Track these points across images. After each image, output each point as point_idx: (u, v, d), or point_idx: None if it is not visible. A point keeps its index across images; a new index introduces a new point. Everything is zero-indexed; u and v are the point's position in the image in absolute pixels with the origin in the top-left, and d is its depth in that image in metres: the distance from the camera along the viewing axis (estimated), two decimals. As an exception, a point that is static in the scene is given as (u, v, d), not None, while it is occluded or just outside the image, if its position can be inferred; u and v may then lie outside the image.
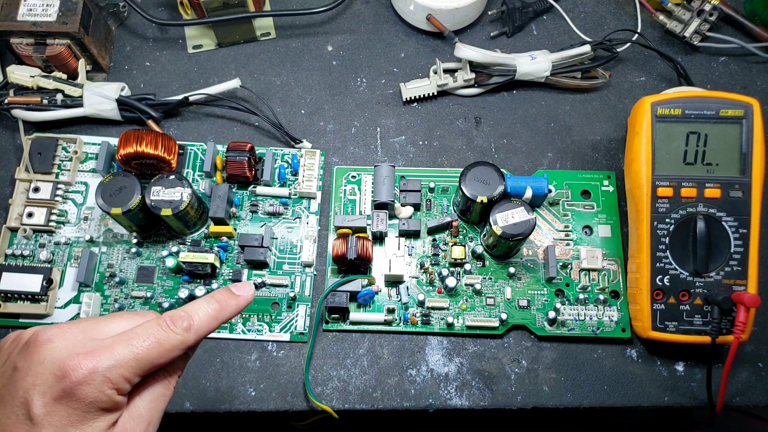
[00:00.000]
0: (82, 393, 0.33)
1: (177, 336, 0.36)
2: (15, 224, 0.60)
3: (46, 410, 0.33)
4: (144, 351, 0.35)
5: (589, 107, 0.67)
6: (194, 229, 0.60)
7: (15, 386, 0.34)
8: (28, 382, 0.33)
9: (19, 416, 0.33)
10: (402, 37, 0.70)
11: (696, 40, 0.67)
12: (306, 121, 0.66)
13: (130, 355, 0.34)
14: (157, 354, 0.35)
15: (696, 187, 0.55)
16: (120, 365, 0.34)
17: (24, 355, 0.35)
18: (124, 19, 0.70)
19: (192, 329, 0.37)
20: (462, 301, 0.58)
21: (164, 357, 0.36)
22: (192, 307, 0.38)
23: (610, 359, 0.58)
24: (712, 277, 0.54)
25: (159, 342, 0.35)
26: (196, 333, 0.37)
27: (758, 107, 0.55)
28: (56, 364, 0.33)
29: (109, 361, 0.34)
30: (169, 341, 0.36)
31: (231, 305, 0.40)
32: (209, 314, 0.38)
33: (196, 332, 0.37)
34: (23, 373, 0.34)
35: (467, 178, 0.56)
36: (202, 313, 0.38)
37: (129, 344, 0.35)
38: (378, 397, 0.56)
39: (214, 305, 0.39)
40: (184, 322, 0.37)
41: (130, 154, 0.57)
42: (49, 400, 0.33)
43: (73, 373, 0.33)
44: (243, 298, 0.40)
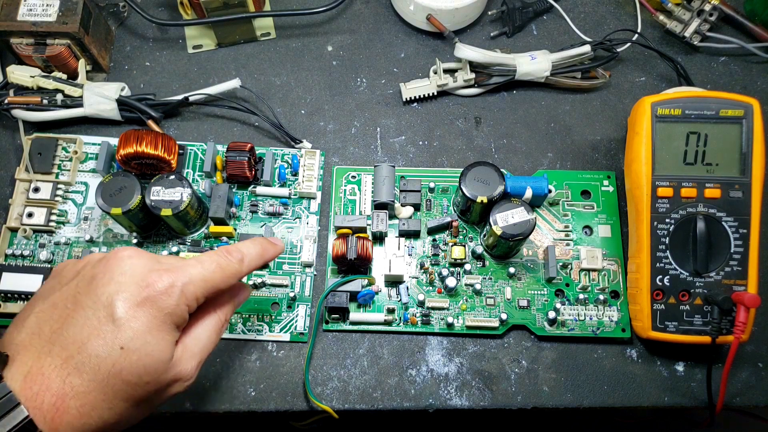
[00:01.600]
0: (162, 302, 0.37)
1: (234, 264, 0.41)
2: (15, 224, 0.60)
3: (129, 314, 0.36)
4: (210, 273, 0.39)
5: (589, 107, 0.67)
6: (194, 229, 0.60)
7: (96, 291, 0.36)
8: (112, 288, 0.36)
9: (101, 318, 0.36)
10: (402, 37, 0.70)
11: (696, 40, 0.67)
12: (306, 121, 0.66)
13: (201, 275, 0.39)
14: (221, 277, 0.40)
15: (696, 187, 0.55)
16: (193, 283, 0.38)
17: (103, 266, 0.38)
18: (124, 19, 0.70)
19: (244, 261, 0.42)
20: (462, 301, 0.58)
21: (225, 282, 0.40)
22: (241, 245, 0.44)
23: (610, 359, 0.58)
24: (712, 277, 0.54)
25: (221, 266, 0.40)
26: (248, 266, 0.43)
27: (758, 107, 0.55)
28: (139, 276, 0.37)
29: (185, 277, 0.38)
30: (229, 267, 0.41)
31: (270, 249, 0.46)
32: (257, 252, 0.44)
33: (247, 265, 0.43)
34: (105, 281, 0.37)
35: (467, 178, 0.56)
36: (251, 251, 0.43)
37: (199, 265, 0.39)
38: (378, 397, 0.56)
39: (258, 246, 0.44)
40: (238, 254, 0.42)
41: (130, 154, 0.57)
42: (132, 306, 0.36)
43: (156, 283, 0.37)
44: (279, 245, 0.47)
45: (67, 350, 0.35)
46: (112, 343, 0.35)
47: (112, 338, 0.35)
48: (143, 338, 0.36)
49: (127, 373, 0.35)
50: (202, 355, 0.40)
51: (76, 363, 0.34)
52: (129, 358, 0.35)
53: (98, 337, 0.35)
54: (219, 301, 0.43)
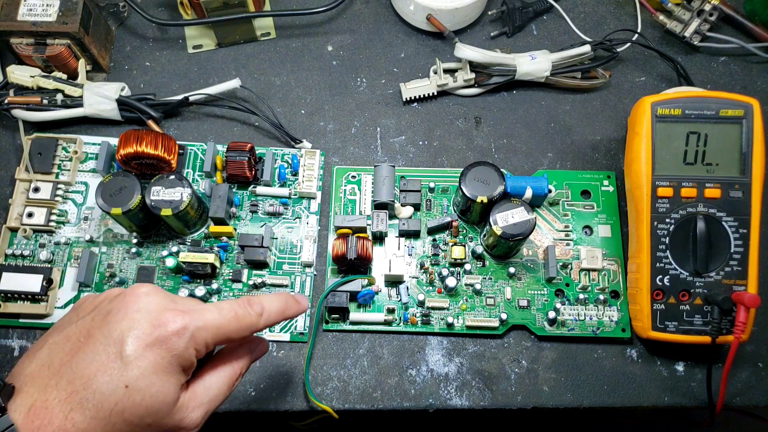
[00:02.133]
0: (172, 344, 0.36)
1: (251, 317, 0.40)
2: (15, 224, 0.60)
3: (138, 353, 0.35)
4: (226, 321, 0.38)
5: (589, 107, 0.67)
6: (194, 229, 0.60)
7: (109, 327, 0.36)
8: (125, 326, 0.36)
9: (110, 354, 0.35)
10: (402, 37, 0.70)
11: (696, 40, 0.67)
12: (306, 121, 0.66)
13: (215, 322, 0.38)
14: (235, 328, 0.39)
15: (696, 187, 0.55)
16: (206, 328, 0.37)
17: (120, 302, 0.37)
18: (124, 19, 0.70)
19: (263, 315, 0.40)
20: (462, 301, 0.58)
21: (239, 333, 0.39)
22: (265, 298, 0.42)
23: (610, 359, 0.58)
24: (712, 277, 0.54)
25: (238, 317, 0.39)
26: (266, 320, 0.41)
27: (758, 107, 0.55)
28: (153, 314, 0.36)
29: (199, 322, 0.37)
30: (246, 318, 0.39)
31: (293, 306, 0.43)
32: (278, 308, 0.42)
33: (266, 319, 0.41)
34: (119, 317, 0.36)
35: (467, 178, 0.56)
36: (272, 306, 0.41)
37: (216, 312, 0.38)
38: (378, 397, 0.56)
39: (281, 303, 0.42)
40: (258, 307, 0.40)
41: (130, 154, 0.57)
42: (142, 344, 0.35)
43: (168, 323, 0.36)
44: (303, 304, 0.45)
45: (73, 384, 0.34)
46: (117, 380, 0.34)
47: (117, 376, 0.35)
48: (149, 378, 0.35)
49: (129, 413, 0.35)
50: (210, 406, 0.39)
51: (80, 398, 0.34)
52: (132, 398, 0.35)
53: (105, 373, 0.35)
54: (236, 353, 0.42)
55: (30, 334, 0.58)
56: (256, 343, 0.44)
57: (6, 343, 0.57)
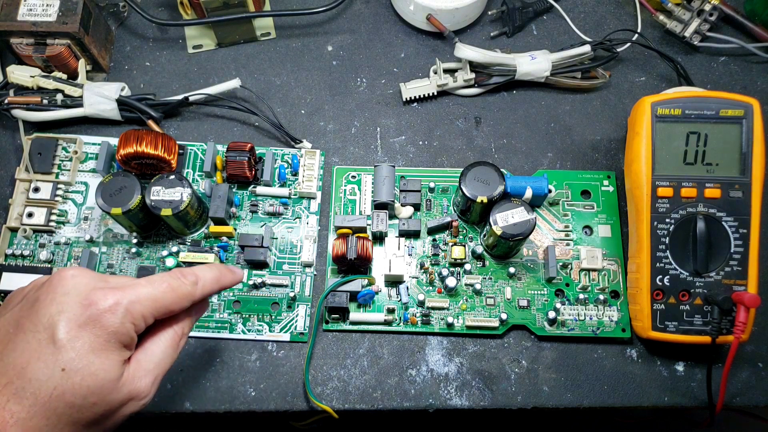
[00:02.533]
0: (106, 321, 0.36)
1: (187, 286, 0.40)
2: (15, 224, 0.60)
3: (71, 335, 0.35)
4: (161, 293, 0.38)
5: (589, 107, 0.67)
6: (194, 229, 0.60)
7: (38, 313, 0.36)
8: (54, 309, 0.35)
9: (41, 340, 0.35)
10: (402, 37, 0.70)
11: (696, 40, 0.67)
12: (306, 121, 0.66)
13: (149, 295, 0.38)
14: (171, 299, 0.39)
15: (696, 187, 0.55)
16: (140, 302, 0.37)
17: (47, 288, 0.37)
18: (124, 19, 0.70)
19: (198, 284, 0.41)
20: (462, 301, 0.58)
21: (176, 303, 0.39)
22: (197, 268, 0.42)
23: (610, 359, 0.58)
24: (712, 277, 0.54)
25: (173, 288, 0.39)
26: (202, 289, 0.41)
27: (758, 107, 0.55)
28: (82, 295, 0.36)
29: (132, 296, 0.37)
30: (181, 288, 0.40)
31: (228, 276, 0.44)
32: (212, 276, 0.42)
33: (201, 288, 0.41)
34: (47, 302, 0.36)
35: (467, 178, 0.56)
36: (206, 274, 0.42)
37: (149, 285, 0.38)
38: (378, 397, 0.56)
39: (215, 271, 0.43)
40: (192, 276, 0.41)
41: (130, 154, 0.57)
42: (74, 326, 0.35)
43: (99, 302, 0.36)
44: (238, 274, 0.45)
45: (6, 376, 0.34)
46: (53, 365, 0.34)
47: (53, 360, 0.34)
48: (86, 358, 0.35)
49: (70, 396, 0.34)
50: (157, 371, 0.39)
51: (15, 388, 0.33)
52: (71, 380, 0.34)
53: (38, 360, 0.34)
54: (175, 317, 0.42)
55: (30, 334, 0.58)
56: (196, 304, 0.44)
57: (6, 343, 0.57)
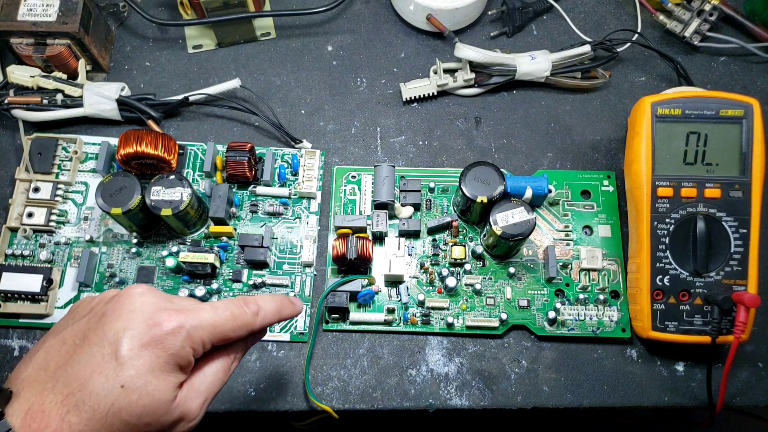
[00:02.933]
0: (167, 343, 0.36)
1: (247, 316, 0.40)
2: (15, 224, 0.60)
3: (133, 353, 0.35)
4: (222, 320, 0.38)
5: (589, 107, 0.67)
6: (194, 229, 0.60)
7: (104, 328, 0.36)
8: (119, 326, 0.36)
9: (105, 355, 0.35)
10: (402, 37, 0.70)
11: (696, 40, 0.67)
12: (306, 121, 0.66)
13: (211, 321, 0.38)
14: (231, 327, 0.39)
15: (696, 187, 0.55)
16: (202, 327, 0.37)
17: (114, 303, 0.37)
18: (124, 19, 0.70)
19: (259, 315, 0.41)
20: (462, 301, 0.58)
21: (235, 332, 0.39)
22: (260, 298, 0.42)
23: (610, 359, 0.58)
24: (712, 277, 0.54)
25: (234, 316, 0.39)
26: (262, 319, 0.41)
27: (758, 107, 0.55)
28: (148, 314, 0.36)
29: (195, 321, 0.37)
30: (242, 318, 0.39)
31: (289, 307, 0.44)
32: (274, 307, 0.42)
33: (262, 319, 0.41)
34: (114, 318, 0.36)
35: (467, 178, 0.56)
36: (268, 306, 0.42)
37: (212, 311, 0.38)
38: (378, 397, 0.56)
39: (277, 303, 0.43)
40: (254, 306, 0.41)
41: (130, 154, 0.57)
42: (137, 344, 0.35)
43: (163, 323, 0.36)
44: (298, 306, 0.45)
45: (69, 387, 0.34)
46: (113, 381, 0.34)
47: (113, 376, 0.35)
48: (145, 378, 0.35)
49: (126, 413, 0.35)
50: (208, 394, 0.39)
51: (76, 400, 0.34)
52: (129, 398, 0.35)
53: (100, 374, 0.35)
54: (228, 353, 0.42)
55: (30, 334, 0.58)
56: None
57: (6, 343, 0.57)
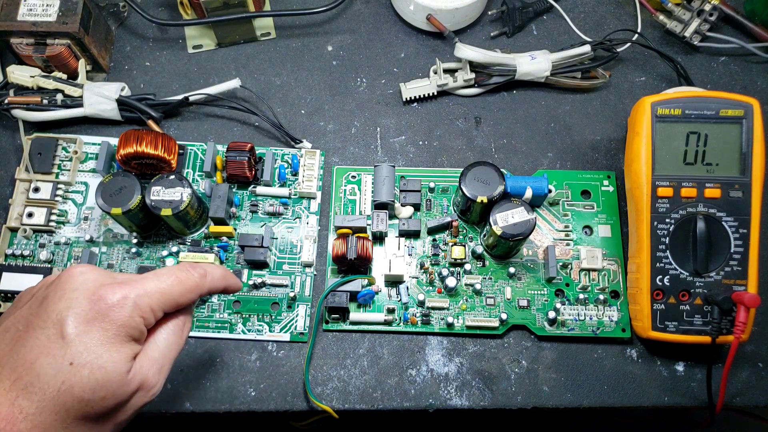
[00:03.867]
0: (114, 315, 0.36)
1: (195, 278, 0.40)
2: (15, 224, 0.60)
3: (79, 329, 0.35)
4: (168, 287, 0.39)
5: (589, 107, 0.67)
6: (194, 229, 0.60)
7: (47, 310, 0.36)
8: (62, 305, 0.36)
9: (50, 336, 0.35)
10: (402, 37, 0.70)
11: (696, 40, 0.67)
12: (306, 121, 0.66)
13: (157, 288, 0.38)
14: (179, 291, 0.39)
15: (696, 187, 0.55)
16: (148, 295, 0.37)
17: (55, 285, 0.37)
18: (124, 19, 0.70)
19: (207, 277, 0.41)
20: (462, 301, 0.58)
21: (184, 296, 0.40)
22: (205, 264, 0.43)
23: (610, 359, 0.58)
24: (712, 277, 0.54)
25: (181, 280, 0.39)
26: (210, 283, 0.42)
27: (758, 107, 0.55)
28: (90, 290, 0.36)
29: (139, 290, 0.37)
30: (189, 281, 0.40)
31: (233, 278, 0.45)
32: (220, 273, 0.43)
33: (210, 282, 0.42)
34: (56, 299, 0.36)
35: (467, 178, 0.56)
36: (213, 270, 0.42)
37: (156, 279, 0.39)
38: (378, 397, 0.56)
39: (221, 269, 0.44)
40: (200, 270, 0.41)
41: (130, 154, 0.57)
42: (83, 321, 0.35)
43: (107, 296, 0.36)
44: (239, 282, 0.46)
45: (16, 372, 0.34)
46: (60, 360, 0.34)
47: (61, 355, 0.34)
48: (94, 352, 0.35)
49: (78, 390, 0.34)
50: (163, 360, 0.39)
51: (24, 384, 0.34)
52: (79, 374, 0.34)
53: (47, 355, 0.34)
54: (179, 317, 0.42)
55: (30, 334, 0.58)
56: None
57: (6, 343, 0.57)
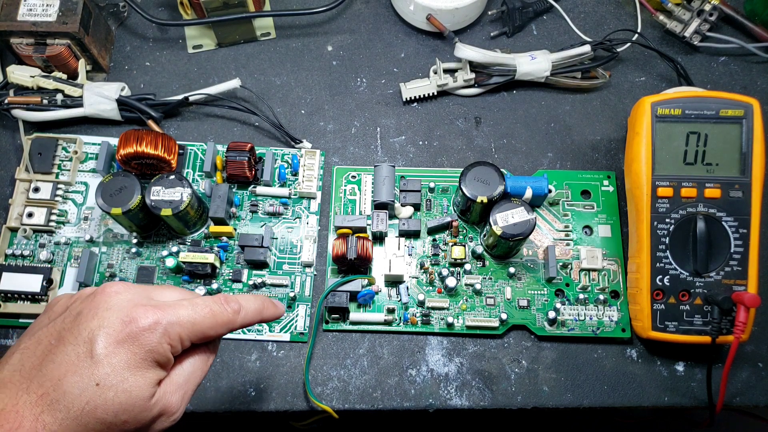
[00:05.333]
0: (144, 339, 0.35)
1: (228, 314, 0.39)
2: (15, 224, 0.60)
3: (108, 350, 0.35)
4: (201, 318, 0.38)
5: (589, 107, 0.67)
6: (194, 229, 0.60)
7: (79, 327, 0.36)
8: (95, 324, 0.35)
9: (80, 354, 0.35)
10: (402, 37, 0.70)
11: (696, 40, 0.67)
12: (306, 121, 0.66)
13: (189, 318, 0.37)
14: (210, 324, 0.38)
15: (696, 187, 0.55)
16: (180, 324, 0.37)
17: (90, 302, 0.37)
18: (124, 19, 0.70)
19: (240, 313, 0.40)
20: (462, 301, 0.58)
21: (214, 330, 0.39)
22: (242, 297, 0.41)
23: (610, 359, 0.58)
24: (712, 277, 0.54)
25: (214, 314, 0.38)
26: (243, 318, 0.40)
27: (758, 107, 0.55)
28: (123, 311, 0.36)
29: (172, 317, 0.36)
30: (222, 315, 0.39)
31: (270, 309, 0.43)
32: (256, 308, 0.42)
33: (242, 318, 0.40)
34: (89, 316, 0.36)
35: (467, 178, 0.56)
36: (250, 305, 0.41)
37: (190, 308, 0.38)
38: (378, 397, 0.56)
39: (259, 303, 0.42)
40: (235, 304, 0.40)
41: (130, 154, 0.57)
42: (113, 342, 0.35)
43: (139, 319, 0.35)
44: (280, 308, 0.45)
45: (43, 387, 0.34)
46: (88, 379, 0.34)
47: (88, 375, 0.34)
48: (121, 375, 0.35)
49: (102, 411, 0.34)
50: (187, 387, 0.39)
51: (50, 400, 0.34)
52: (104, 395, 0.34)
53: (75, 373, 0.34)
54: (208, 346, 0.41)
55: (30, 334, 0.58)
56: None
57: (6, 343, 0.58)
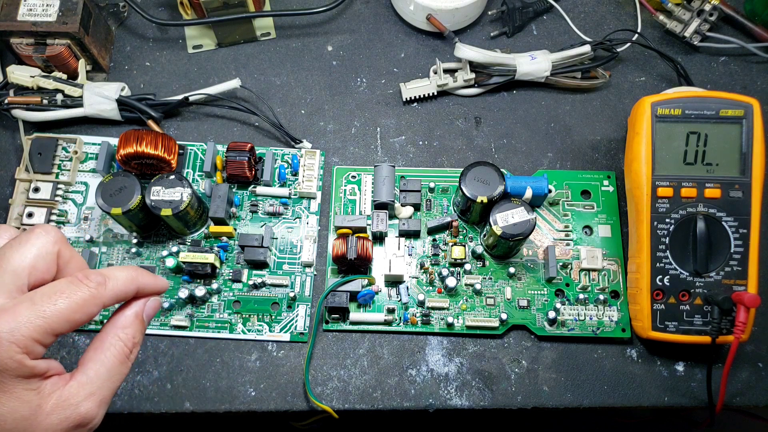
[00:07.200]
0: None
1: (89, 290, 0.34)
2: (15, 224, 0.59)
3: None
4: (51, 308, 0.33)
5: (589, 107, 0.67)
6: (194, 229, 0.60)
7: None
8: None
9: None
10: (402, 37, 0.70)
11: (696, 40, 0.67)
12: (306, 121, 0.66)
13: (34, 315, 0.32)
14: (69, 309, 0.33)
15: (696, 187, 0.55)
16: (24, 325, 0.32)
17: None
18: (124, 19, 0.70)
19: (107, 285, 0.35)
20: (462, 301, 0.58)
21: (78, 313, 0.34)
22: (106, 269, 0.37)
23: (610, 359, 0.58)
24: (712, 277, 0.54)
25: (67, 296, 0.34)
26: (112, 290, 0.36)
27: (758, 107, 0.55)
28: None
29: (10, 324, 0.31)
30: (79, 294, 0.34)
31: (147, 277, 0.39)
32: (125, 275, 0.37)
33: (112, 289, 0.36)
34: None
35: (467, 178, 0.56)
36: (116, 272, 0.37)
37: (32, 304, 0.33)
38: (378, 397, 0.56)
39: (130, 270, 0.38)
40: (98, 277, 0.35)
41: (130, 154, 0.57)
42: None
43: None
44: (161, 280, 0.40)
45: None
46: None
47: None
48: None
49: None
50: (103, 392, 0.35)
51: None
52: None
53: None
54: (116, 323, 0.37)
55: (30, 334, 0.58)
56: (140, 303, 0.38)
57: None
